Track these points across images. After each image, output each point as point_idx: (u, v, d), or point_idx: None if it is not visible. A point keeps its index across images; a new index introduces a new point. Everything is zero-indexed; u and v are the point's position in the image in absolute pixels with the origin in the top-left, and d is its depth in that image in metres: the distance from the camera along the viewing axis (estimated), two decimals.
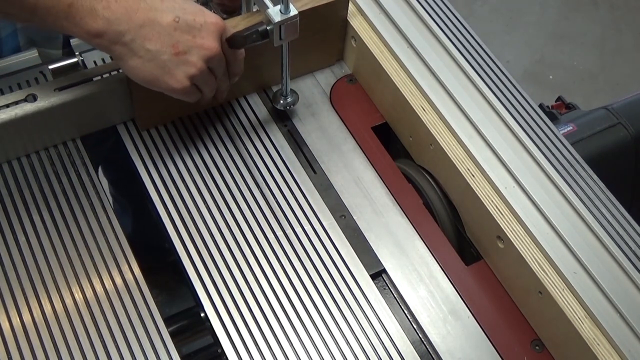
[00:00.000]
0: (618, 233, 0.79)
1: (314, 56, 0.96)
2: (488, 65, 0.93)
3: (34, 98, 0.81)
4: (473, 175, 0.83)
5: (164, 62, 0.75)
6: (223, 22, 0.77)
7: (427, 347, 0.78)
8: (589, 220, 0.79)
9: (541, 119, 0.89)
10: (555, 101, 1.40)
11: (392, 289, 0.81)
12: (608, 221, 0.80)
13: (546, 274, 0.76)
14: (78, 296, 0.77)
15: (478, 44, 0.95)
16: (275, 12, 0.79)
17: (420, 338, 0.78)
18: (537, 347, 0.78)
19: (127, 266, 0.80)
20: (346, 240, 0.83)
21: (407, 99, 0.88)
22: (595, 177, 0.84)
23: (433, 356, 0.77)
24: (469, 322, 0.79)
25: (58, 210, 0.83)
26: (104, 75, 0.85)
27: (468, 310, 0.80)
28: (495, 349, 0.78)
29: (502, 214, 0.80)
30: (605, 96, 2.24)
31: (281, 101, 0.91)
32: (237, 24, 0.84)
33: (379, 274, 0.82)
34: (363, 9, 0.95)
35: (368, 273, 0.81)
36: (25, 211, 0.83)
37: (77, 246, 0.81)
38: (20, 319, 0.76)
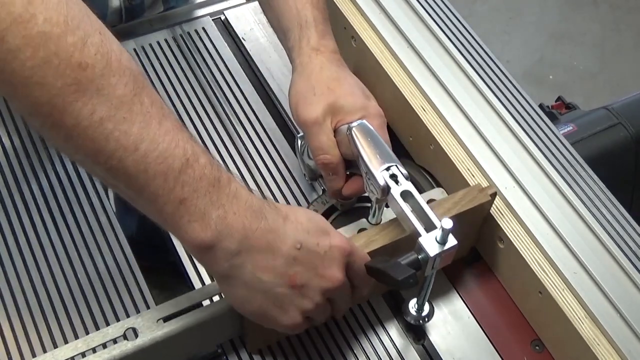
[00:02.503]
0: (618, 233, 0.79)
1: None
2: (488, 65, 0.93)
3: (134, 334, 0.66)
4: (473, 175, 0.83)
5: (276, 296, 0.62)
6: (349, 245, 0.65)
7: (427, 347, 0.78)
8: (589, 220, 0.79)
9: (541, 119, 0.88)
10: (555, 101, 1.40)
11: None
12: (608, 221, 0.80)
13: (546, 274, 0.76)
14: (78, 295, 0.77)
15: (478, 44, 0.95)
16: (430, 243, 0.65)
17: (420, 338, 0.78)
18: (537, 347, 0.78)
19: (127, 266, 0.80)
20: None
21: (407, 99, 0.88)
22: (595, 177, 0.84)
23: (433, 356, 0.77)
24: (469, 322, 0.79)
25: (58, 210, 0.83)
26: (214, 298, 0.71)
27: (468, 310, 0.80)
28: (495, 349, 0.78)
29: (502, 214, 0.80)
30: (605, 96, 2.23)
31: (414, 312, 0.77)
32: (369, 241, 0.70)
33: None
34: (363, 9, 0.95)
35: None
36: (25, 211, 0.83)
37: (77, 246, 0.81)
38: (20, 319, 0.76)
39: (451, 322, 0.79)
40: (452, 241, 0.66)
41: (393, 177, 0.70)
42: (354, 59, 0.97)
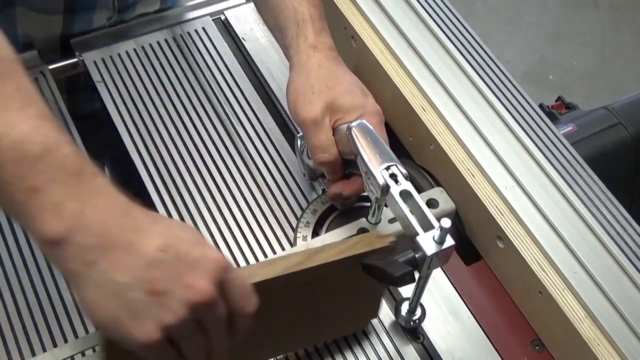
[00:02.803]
0: (618, 233, 0.79)
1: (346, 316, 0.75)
2: (488, 65, 0.92)
3: None
4: (473, 175, 0.83)
5: (131, 301, 0.52)
6: (226, 262, 0.56)
7: (427, 347, 0.78)
8: (589, 220, 0.79)
9: (541, 119, 0.88)
10: (555, 101, 1.40)
11: (391, 289, 0.81)
12: (608, 221, 0.80)
13: (546, 274, 0.76)
14: None
15: (478, 44, 0.95)
16: (427, 242, 0.65)
17: (420, 338, 0.78)
18: (537, 347, 0.78)
19: None
20: None
21: (407, 99, 0.88)
22: (595, 177, 0.84)
23: (433, 356, 0.77)
24: (469, 322, 0.79)
25: None
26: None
27: (468, 311, 0.80)
28: (495, 349, 0.78)
29: (502, 214, 0.80)
30: (605, 96, 2.23)
31: (405, 315, 0.78)
32: (257, 272, 0.62)
33: None
34: (363, 9, 0.95)
35: None
36: None
37: None
38: (20, 319, 0.76)
39: (451, 322, 0.79)
40: (449, 241, 0.65)
41: (393, 176, 0.70)
42: (354, 59, 0.97)
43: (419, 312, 0.78)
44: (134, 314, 0.53)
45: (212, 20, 1.04)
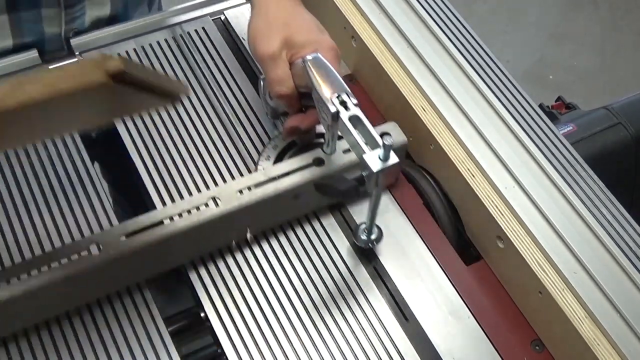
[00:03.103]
0: (618, 233, 0.79)
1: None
2: (488, 65, 0.93)
3: (98, 248, 0.73)
4: (473, 175, 0.83)
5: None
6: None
7: (427, 347, 0.78)
8: (589, 220, 0.79)
9: (541, 119, 0.89)
10: (555, 101, 1.40)
11: (391, 289, 0.81)
12: (608, 221, 0.80)
13: (546, 274, 0.76)
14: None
15: (478, 44, 0.95)
16: (373, 160, 0.70)
17: (420, 338, 0.78)
18: (537, 347, 0.78)
19: None
20: (340, 230, 0.83)
21: (407, 99, 0.88)
22: (595, 177, 0.84)
23: (433, 356, 0.77)
24: (469, 322, 0.79)
25: (58, 210, 0.83)
26: (174, 218, 0.76)
27: (468, 311, 0.80)
28: (495, 349, 0.78)
29: (502, 214, 0.80)
30: (605, 96, 2.23)
31: (363, 237, 0.82)
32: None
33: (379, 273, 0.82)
34: (363, 9, 0.95)
35: (368, 274, 0.81)
36: (25, 211, 0.83)
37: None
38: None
39: (451, 322, 0.79)
40: (394, 158, 0.71)
41: (343, 103, 0.75)
42: (354, 59, 0.97)
43: (375, 231, 0.82)
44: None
45: (212, 20, 1.04)
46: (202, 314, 0.78)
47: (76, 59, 0.97)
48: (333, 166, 0.80)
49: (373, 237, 0.82)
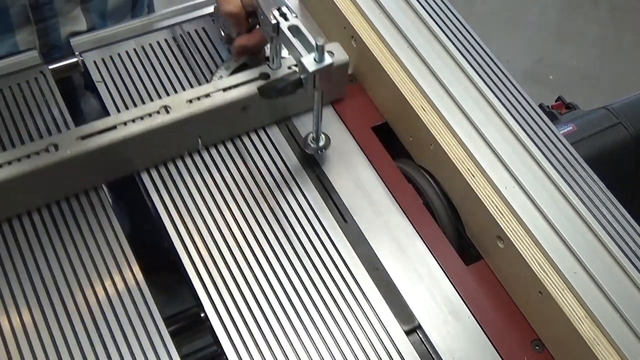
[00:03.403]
0: (618, 233, 0.79)
1: None
2: (488, 65, 0.93)
3: (55, 149, 0.80)
4: (473, 175, 0.83)
5: None
6: None
7: (427, 347, 0.78)
8: (589, 220, 0.79)
9: (541, 119, 0.89)
10: (555, 101, 1.40)
11: (391, 289, 0.81)
12: (608, 221, 0.80)
13: (546, 274, 0.76)
14: (78, 296, 0.78)
15: (478, 44, 0.95)
16: (309, 61, 0.77)
17: (420, 338, 0.78)
18: (537, 347, 0.78)
19: (127, 266, 0.80)
20: (342, 233, 0.83)
21: (407, 99, 0.88)
22: (595, 177, 0.84)
23: (433, 356, 0.77)
24: (469, 322, 0.79)
25: (58, 210, 0.83)
26: (127, 124, 0.83)
27: (468, 311, 0.80)
28: (495, 349, 0.78)
29: (502, 214, 0.80)
30: (605, 96, 2.23)
31: (312, 145, 0.88)
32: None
33: (377, 270, 0.82)
34: (363, 9, 0.95)
35: (369, 274, 0.81)
36: (25, 211, 0.83)
37: (77, 246, 0.81)
38: (20, 319, 0.76)
39: (451, 322, 0.79)
40: (328, 60, 0.76)
41: (283, 15, 0.81)
42: (354, 59, 0.97)
43: (323, 140, 0.88)
44: None
45: (212, 20, 1.04)
46: (202, 314, 0.78)
47: (76, 59, 0.97)
48: None
49: (321, 144, 0.88)
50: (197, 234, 0.82)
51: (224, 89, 0.86)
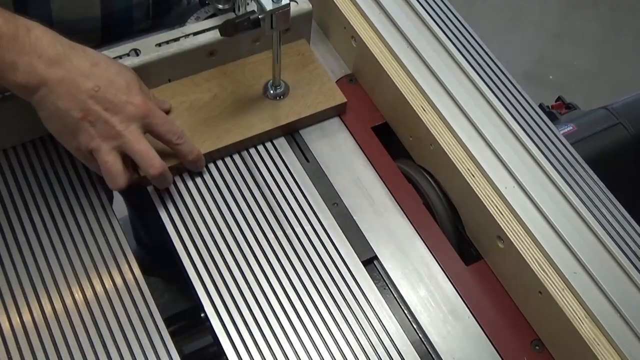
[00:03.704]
0: (618, 233, 0.79)
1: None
2: (488, 65, 0.93)
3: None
4: (473, 175, 0.83)
5: (69, 123, 0.74)
6: (148, 109, 0.76)
7: (427, 347, 0.78)
8: (589, 220, 0.79)
9: (541, 119, 0.89)
10: (555, 101, 1.40)
11: (392, 289, 0.81)
12: (608, 221, 0.80)
13: (546, 274, 0.76)
14: (78, 296, 0.78)
15: (478, 44, 0.95)
16: (267, 1, 0.79)
17: (420, 338, 0.78)
18: (537, 347, 0.78)
19: (127, 266, 0.80)
20: (342, 234, 0.83)
21: (407, 99, 0.88)
22: (595, 177, 0.84)
23: (433, 356, 0.77)
24: (469, 322, 0.79)
25: (58, 210, 0.83)
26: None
27: (468, 310, 0.80)
28: (495, 349, 0.78)
29: (502, 214, 0.80)
30: (605, 96, 2.23)
31: (272, 91, 0.91)
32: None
33: (375, 267, 0.82)
34: (363, 9, 0.95)
35: (369, 274, 0.81)
36: (25, 211, 0.83)
37: (77, 246, 0.81)
38: (20, 319, 0.76)
39: (451, 322, 0.79)
40: (285, 0, 0.78)
41: None
42: (354, 59, 0.97)
43: (282, 86, 0.91)
44: (70, 131, 0.75)
45: None
46: (202, 314, 0.78)
47: None
48: None
49: (280, 90, 0.90)
50: (197, 234, 0.82)
51: (193, 34, 0.89)
